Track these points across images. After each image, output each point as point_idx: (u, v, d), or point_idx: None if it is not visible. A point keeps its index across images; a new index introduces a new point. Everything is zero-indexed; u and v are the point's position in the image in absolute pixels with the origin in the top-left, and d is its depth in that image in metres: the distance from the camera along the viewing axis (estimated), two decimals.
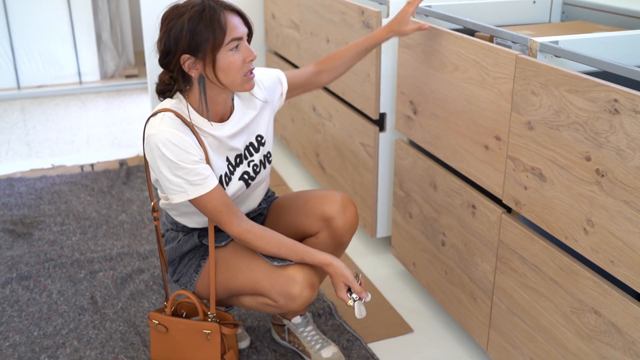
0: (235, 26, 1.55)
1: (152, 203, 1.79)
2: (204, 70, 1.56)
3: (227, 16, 1.54)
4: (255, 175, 1.76)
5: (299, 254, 1.64)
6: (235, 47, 1.55)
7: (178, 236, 1.81)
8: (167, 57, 1.56)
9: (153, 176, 1.69)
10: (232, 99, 1.71)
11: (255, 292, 1.69)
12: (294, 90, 1.89)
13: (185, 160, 1.56)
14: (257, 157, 1.76)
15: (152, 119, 1.60)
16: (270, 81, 1.80)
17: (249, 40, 1.61)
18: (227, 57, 1.55)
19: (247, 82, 1.60)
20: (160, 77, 1.64)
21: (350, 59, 1.90)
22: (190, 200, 1.61)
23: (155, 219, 1.80)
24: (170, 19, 1.54)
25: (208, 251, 1.78)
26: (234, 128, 1.68)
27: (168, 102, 1.63)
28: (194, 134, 1.60)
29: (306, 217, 1.80)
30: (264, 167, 1.79)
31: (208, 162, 1.62)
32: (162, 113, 1.59)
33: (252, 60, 1.58)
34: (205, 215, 1.65)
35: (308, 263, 1.64)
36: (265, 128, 1.77)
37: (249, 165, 1.74)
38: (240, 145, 1.71)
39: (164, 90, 1.64)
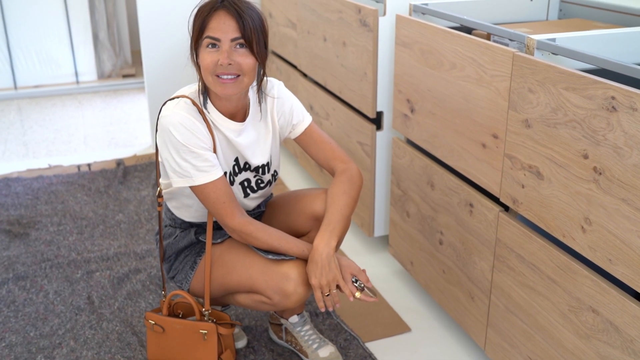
0: (218, 27, 1.53)
1: (159, 188, 1.78)
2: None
3: (217, 14, 1.53)
4: (257, 190, 1.77)
5: (301, 246, 1.65)
6: (210, 45, 1.55)
7: (175, 232, 1.81)
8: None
9: (161, 161, 1.69)
10: (248, 104, 1.71)
11: (250, 289, 1.69)
12: (303, 144, 1.82)
13: (195, 144, 1.57)
14: (265, 177, 1.78)
15: (168, 102, 1.63)
16: (290, 114, 1.77)
17: (250, 47, 1.55)
18: (203, 52, 1.58)
19: (216, 84, 1.57)
20: None
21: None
22: (194, 189, 1.61)
23: (160, 204, 1.79)
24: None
25: (204, 248, 1.77)
26: (245, 139, 1.69)
27: (187, 90, 1.66)
28: (205, 123, 1.62)
29: (298, 217, 1.80)
30: (270, 185, 1.80)
31: (215, 153, 1.63)
32: (180, 98, 1.62)
33: (222, 65, 1.53)
34: (207, 206, 1.64)
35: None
36: (276, 152, 1.79)
37: (254, 177, 1.75)
38: (250, 155, 1.71)
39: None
